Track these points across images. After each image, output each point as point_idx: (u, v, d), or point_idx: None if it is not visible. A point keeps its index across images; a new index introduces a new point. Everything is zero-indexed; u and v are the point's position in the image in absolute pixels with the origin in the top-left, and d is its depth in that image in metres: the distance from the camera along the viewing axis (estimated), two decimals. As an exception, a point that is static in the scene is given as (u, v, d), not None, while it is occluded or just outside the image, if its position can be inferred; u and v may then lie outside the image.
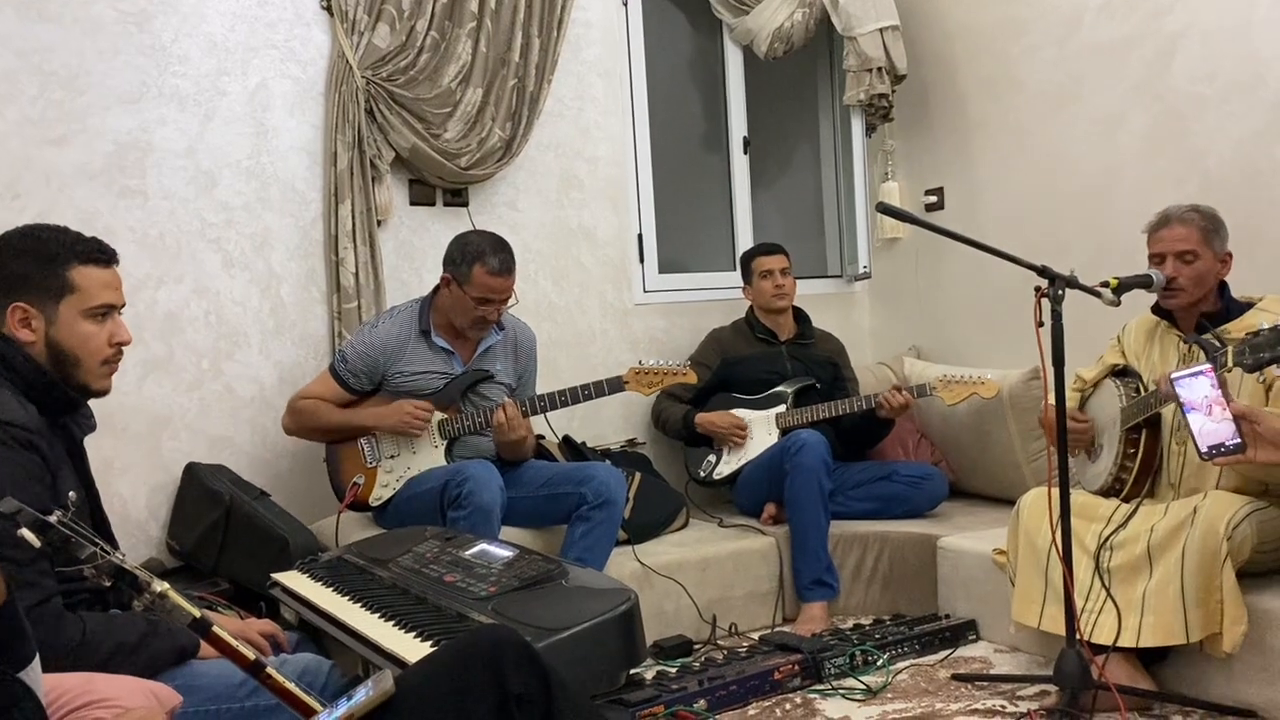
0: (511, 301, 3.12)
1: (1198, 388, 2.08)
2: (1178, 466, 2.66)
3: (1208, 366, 2.07)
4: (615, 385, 3.14)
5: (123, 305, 1.96)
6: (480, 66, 3.57)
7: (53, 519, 1.31)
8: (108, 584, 1.37)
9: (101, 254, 1.92)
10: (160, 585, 1.41)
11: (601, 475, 3.02)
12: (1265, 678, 2.36)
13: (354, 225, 3.41)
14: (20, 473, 1.72)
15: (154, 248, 3.18)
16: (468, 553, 2.31)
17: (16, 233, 1.91)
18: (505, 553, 2.27)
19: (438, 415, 3.10)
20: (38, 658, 1.20)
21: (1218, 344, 2.31)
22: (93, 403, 2.05)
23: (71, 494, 1.85)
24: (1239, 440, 2.03)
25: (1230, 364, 2.22)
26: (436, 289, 3.20)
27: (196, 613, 1.44)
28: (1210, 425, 2.06)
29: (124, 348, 1.96)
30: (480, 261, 3.02)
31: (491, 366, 3.20)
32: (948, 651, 2.95)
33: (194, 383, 3.25)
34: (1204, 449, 2.08)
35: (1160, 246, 2.65)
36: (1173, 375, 2.12)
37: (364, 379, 3.12)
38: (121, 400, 3.08)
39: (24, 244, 1.88)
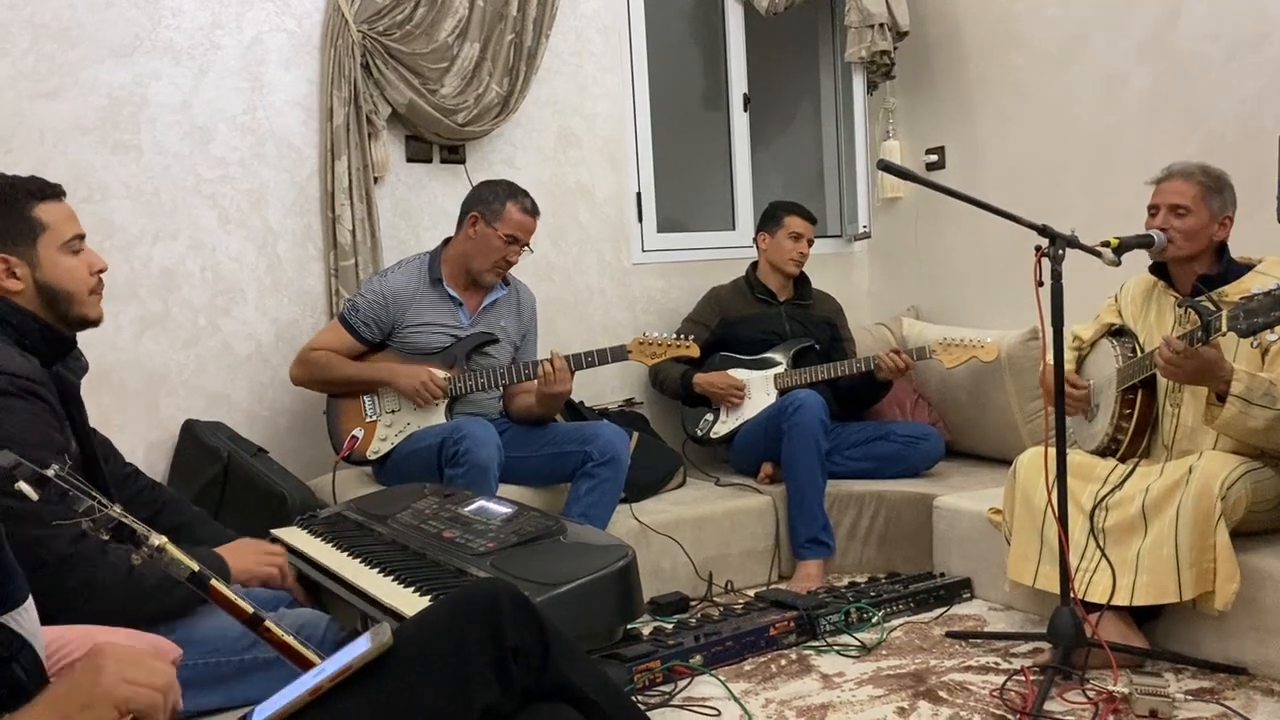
0: (527, 250, 3.20)
1: None
2: (1172, 428, 2.66)
3: None
4: (619, 354, 3.15)
5: (84, 235, 1.96)
6: (477, 21, 3.53)
7: (50, 472, 1.31)
8: (106, 537, 1.37)
9: (53, 189, 1.92)
10: (158, 538, 1.42)
11: (607, 434, 3.04)
12: (1257, 636, 2.39)
13: (350, 182, 3.38)
14: (37, 420, 1.73)
15: (149, 204, 3.16)
16: (467, 509, 2.32)
17: None
18: (504, 509, 2.28)
19: (442, 374, 3.10)
20: (31, 600, 1.20)
21: (1212, 307, 2.30)
22: (90, 357, 2.06)
23: (73, 445, 1.86)
24: None
25: (1224, 328, 2.21)
26: (445, 242, 3.22)
27: (195, 566, 1.45)
28: None
29: (103, 274, 1.98)
30: (514, 199, 3.13)
31: (496, 322, 3.22)
32: (942, 609, 2.98)
33: (190, 339, 3.25)
34: None
35: (1157, 198, 2.66)
36: None
37: (374, 329, 3.12)
38: (118, 356, 3.08)
39: None
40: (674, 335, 3.22)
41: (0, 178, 1.89)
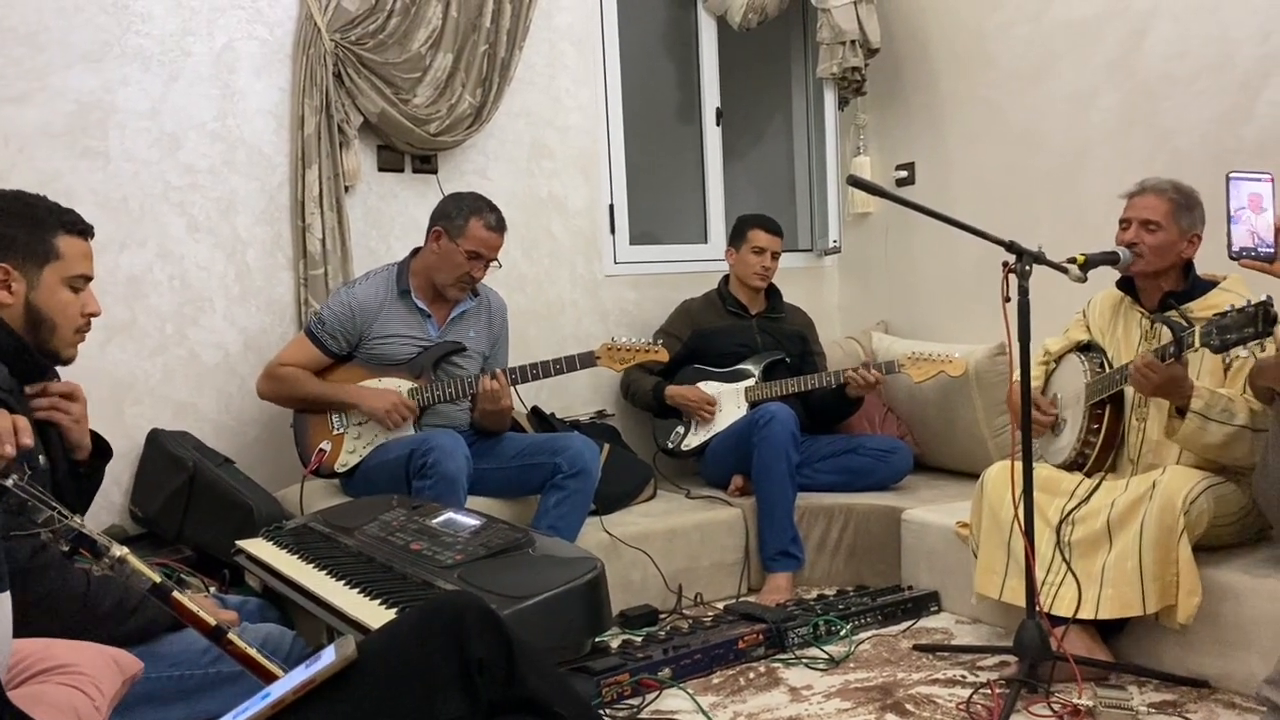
0: (495, 265, 3.14)
1: (1250, 190, 2.09)
2: (1138, 442, 2.69)
3: (1270, 175, 2.07)
4: (587, 360, 3.14)
5: (92, 278, 1.99)
6: (451, 31, 3.53)
7: (9, 482, 1.29)
8: (65, 548, 1.35)
9: (83, 226, 1.97)
10: (119, 550, 1.40)
11: (576, 445, 3.03)
12: (1219, 649, 2.41)
13: (321, 190, 3.37)
14: None
15: (116, 210, 3.13)
16: (435, 521, 2.31)
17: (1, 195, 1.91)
18: (472, 521, 2.27)
19: (407, 384, 3.08)
20: (8, 594, 1.18)
21: (1184, 323, 2.33)
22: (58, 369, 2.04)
23: (42, 458, 1.84)
24: (1271, 250, 2.05)
25: (1197, 344, 2.24)
26: (413, 253, 3.20)
27: (156, 578, 1.43)
28: (1246, 229, 2.08)
29: (93, 319, 2.00)
30: (477, 215, 3.06)
31: (464, 333, 3.20)
32: (910, 622, 2.99)
33: (157, 348, 3.21)
34: (1235, 248, 2.09)
35: (1129, 212, 2.68)
36: (1231, 173, 2.12)
37: (341, 341, 3.10)
38: (84, 365, 2.99)
39: (11, 207, 1.91)
40: (642, 340, 3.22)
41: (43, 200, 1.93)
